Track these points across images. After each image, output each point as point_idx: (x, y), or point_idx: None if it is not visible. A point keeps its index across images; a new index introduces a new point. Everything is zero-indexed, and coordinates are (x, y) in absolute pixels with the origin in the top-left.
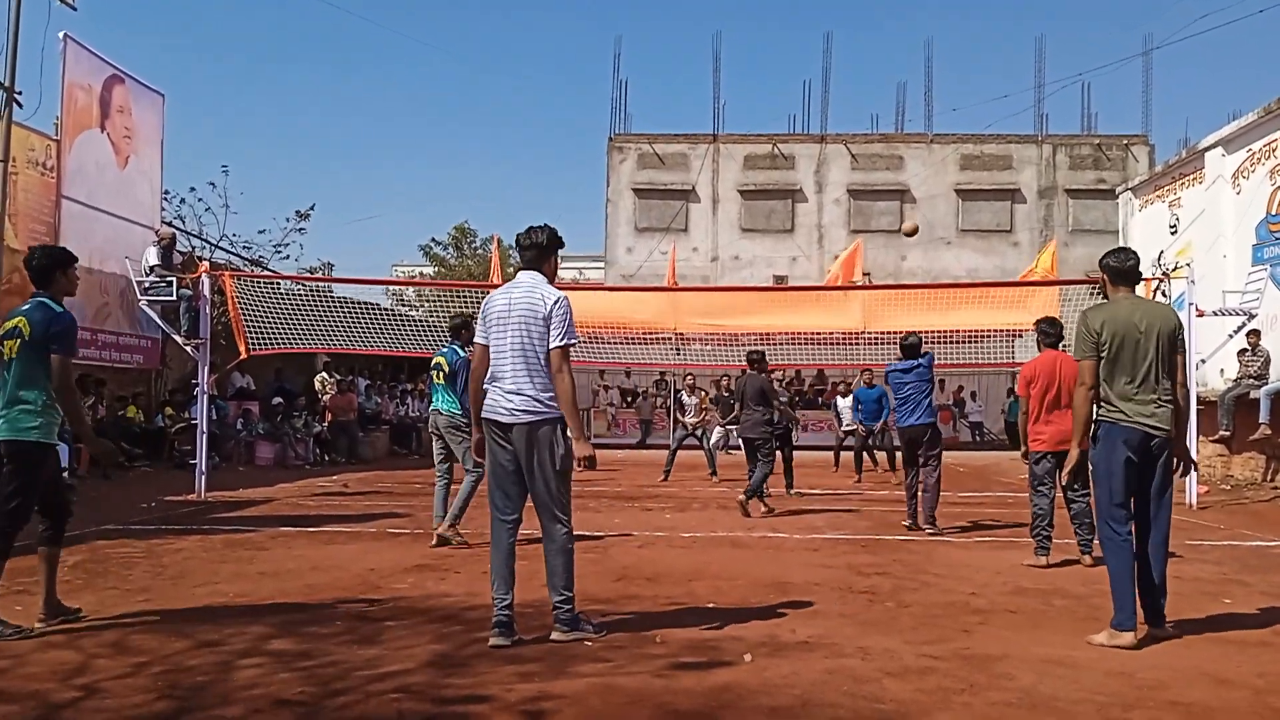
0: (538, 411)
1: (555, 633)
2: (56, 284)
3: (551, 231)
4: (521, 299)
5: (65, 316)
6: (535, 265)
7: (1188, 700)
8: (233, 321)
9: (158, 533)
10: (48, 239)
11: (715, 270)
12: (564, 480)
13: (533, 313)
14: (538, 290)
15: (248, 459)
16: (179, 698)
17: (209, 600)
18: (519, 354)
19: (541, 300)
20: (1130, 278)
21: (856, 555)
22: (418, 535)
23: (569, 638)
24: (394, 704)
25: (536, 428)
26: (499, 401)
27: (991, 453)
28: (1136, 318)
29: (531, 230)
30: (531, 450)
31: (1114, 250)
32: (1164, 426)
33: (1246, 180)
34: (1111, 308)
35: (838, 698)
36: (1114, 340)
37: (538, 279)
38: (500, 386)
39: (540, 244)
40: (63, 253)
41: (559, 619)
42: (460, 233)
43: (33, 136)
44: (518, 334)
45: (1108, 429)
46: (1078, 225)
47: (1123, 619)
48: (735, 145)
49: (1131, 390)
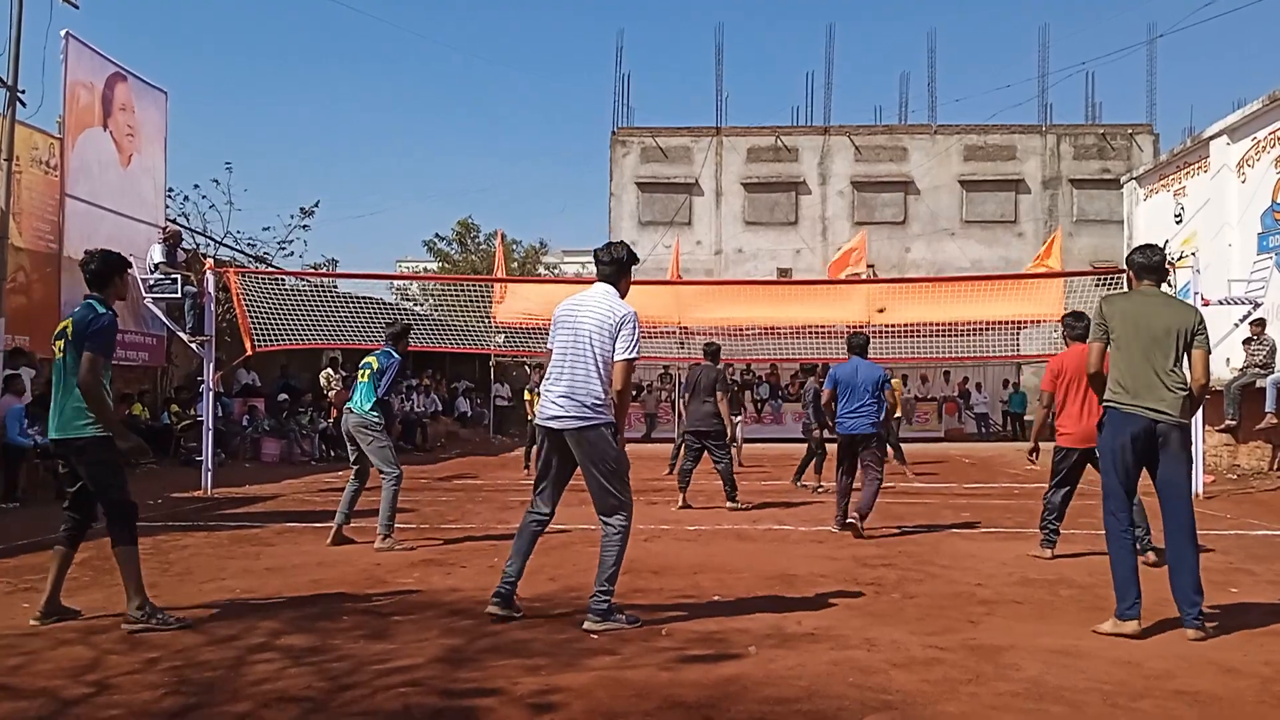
0: (586, 417)
1: (587, 621)
2: (112, 288)
3: (629, 249)
4: (593, 308)
5: (105, 317)
6: (612, 280)
7: (1194, 689)
8: (238, 318)
9: (164, 529)
10: (51, 238)
11: (719, 264)
12: (619, 477)
13: (601, 323)
14: (609, 302)
15: (253, 455)
16: (188, 693)
17: (216, 596)
18: (579, 360)
19: (612, 312)
20: (1156, 272)
21: (862, 547)
22: (424, 530)
23: (600, 628)
24: (401, 698)
25: (590, 430)
26: (550, 406)
27: (996, 444)
28: (1152, 309)
29: (610, 246)
30: (590, 452)
31: (1141, 247)
32: (1169, 413)
33: (1251, 169)
34: (1129, 297)
35: (844, 689)
36: (1124, 327)
37: (611, 292)
38: (555, 389)
39: (620, 259)
40: (119, 258)
41: (593, 608)
42: (464, 228)
43: (36, 135)
44: (581, 340)
45: (1111, 415)
46: (1082, 215)
47: (1124, 608)
48: (738, 138)
49: (1140, 377)
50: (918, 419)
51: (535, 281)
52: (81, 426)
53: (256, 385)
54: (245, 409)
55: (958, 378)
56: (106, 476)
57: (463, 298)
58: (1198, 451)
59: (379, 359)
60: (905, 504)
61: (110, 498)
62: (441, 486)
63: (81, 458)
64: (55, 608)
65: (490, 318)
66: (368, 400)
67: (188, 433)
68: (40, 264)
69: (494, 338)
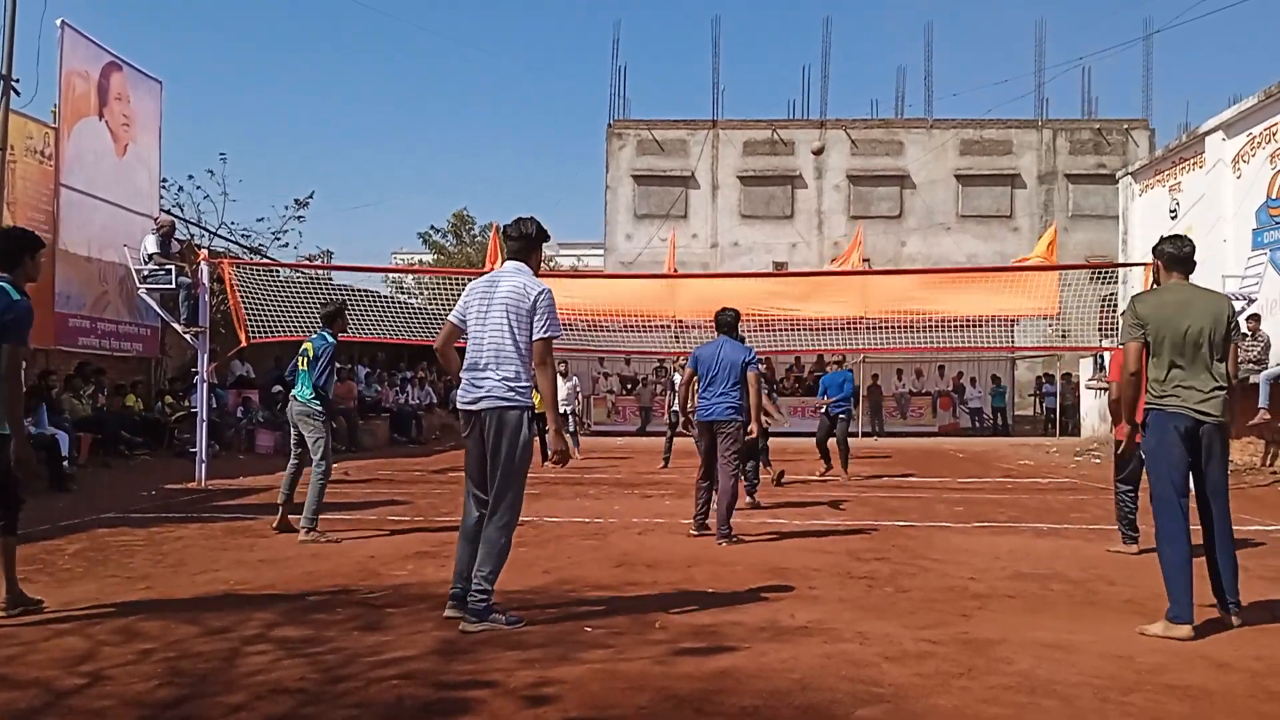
0: (508, 399)
1: (464, 623)
2: (22, 268)
3: (538, 224)
4: (506, 288)
5: (22, 304)
6: (522, 256)
7: (1186, 683)
8: (232, 309)
9: (158, 521)
10: (46, 228)
11: (715, 257)
12: (520, 472)
13: (516, 303)
14: (520, 279)
15: (248, 447)
16: (182, 685)
17: (210, 588)
18: (496, 342)
19: (525, 291)
20: (1185, 265)
21: (854, 541)
22: (418, 522)
23: (477, 629)
24: (395, 690)
25: (505, 413)
26: (470, 390)
27: (990, 439)
28: (1187, 304)
29: (520, 221)
30: (499, 436)
31: (1170, 237)
32: (1213, 413)
33: (1247, 164)
34: (1161, 294)
35: (836, 682)
36: (1161, 326)
37: (523, 269)
38: (474, 374)
39: (529, 235)
40: (30, 236)
41: (471, 607)
42: (459, 220)
43: (30, 124)
44: (498, 323)
45: (1155, 415)
46: (1078, 210)
47: (1179, 611)
48: (735, 131)
49: (1180, 375)
50: (912, 414)
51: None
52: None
53: (251, 377)
54: (239, 400)
55: (952, 372)
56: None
57: (458, 290)
58: None
59: (314, 344)
60: (899, 499)
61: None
62: (436, 479)
63: None
64: (17, 599)
65: None
66: (307, 387)
67: (182, 424)
68: None
69: None
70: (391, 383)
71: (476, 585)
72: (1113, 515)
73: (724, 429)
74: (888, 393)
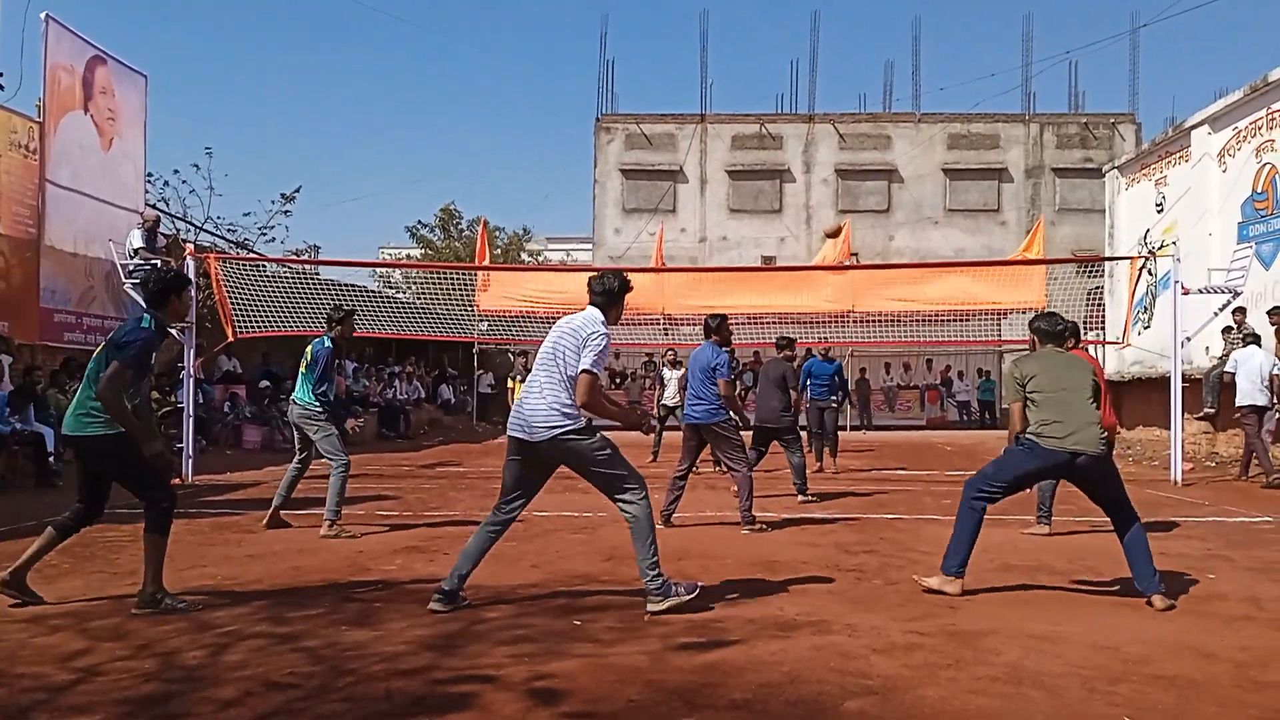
0: (560, 424)
1: (649, 604)
2: (170, 307)
3: (622, 279)
4: (572, 322)
5: (143, 331)
6: (602, 307)
7: (1172, 673)
8: (218, 304)
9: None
10: (31, 223)
11: (703, 251)
12: (613, 461)
13: (573, 335)
14: (584, 317)
15: (235, 443)
16: (172, 680)
17: (197, 583)
18: (546, 370)
19: (581, 326)
20: (1059, 339)
21: (843, 534)
22: (406, 518)
23: (663, 606)
24: (385, 685)
25: (562, 441)
26: (520, 414)
27: (978, 432)
28: (1062, 365)
29: (604, 275)
30: (568, 460)
31: (1045, 314)
32: (1090, 449)
33: (1232, 158)
34: (1038, 358)
35: (825, 674)
36: (1041, 384)
37: (597, 317)
38: (525, 400)
39: (611, 290)
40: (177, 279)
41: (650, 589)
42: (447, 215)
43: (15, 118)
44: (550, 353)
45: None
46: (1065, 204)
47: (953, 564)
48: (723, 125)
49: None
50: (900, 407)
51: (519, 269)
52: (86, 425)
53: (238, 372)
54: (226, 396)
55: (940, 365)
56: (132, 472)
57: (446, 285)
58: (1176, 439)
59: (314, 348)
60: (888, 491)
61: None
62: (425, 474)
63: (89, 455)
64: (19, 582)
65: (473, 305)
66: (306, 390)
67: (168, 419)
68: (19, 249)
69: (477, 325)
70: (379, 378)
71: (646, 567)
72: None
73: (708, 430)
74: (875, 386)
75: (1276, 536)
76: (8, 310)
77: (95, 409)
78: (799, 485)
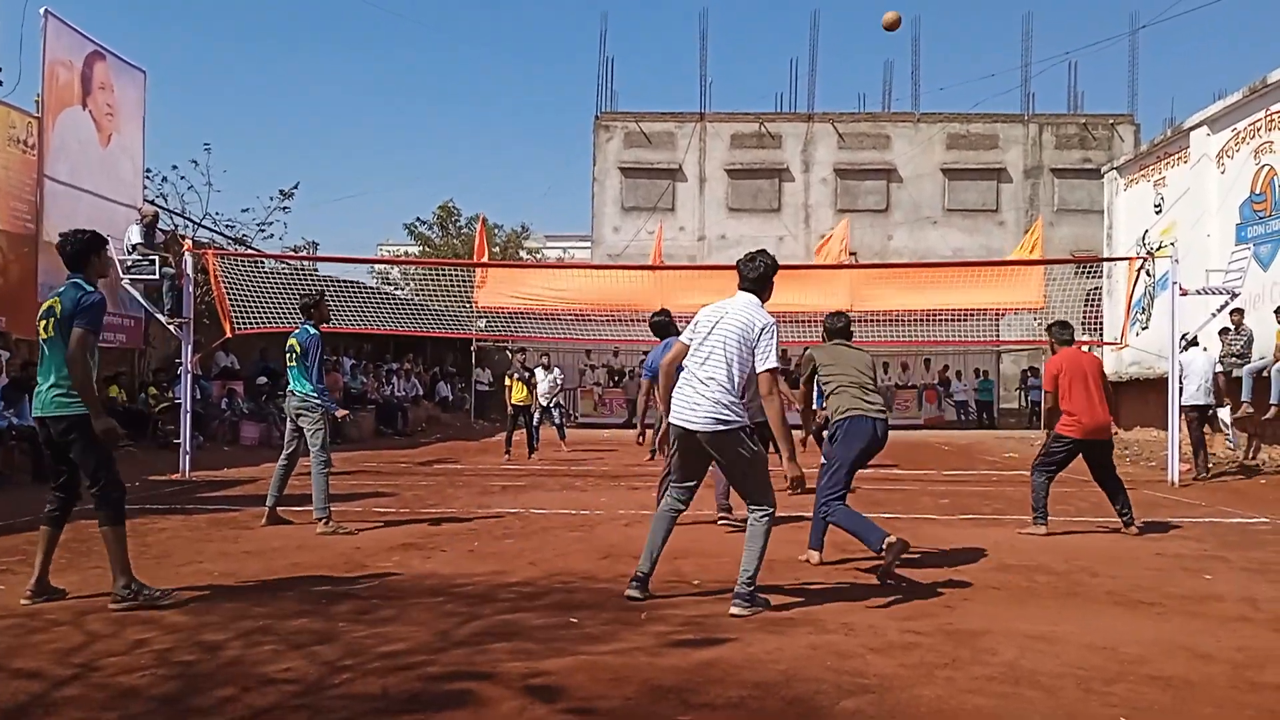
0: (724, 418)
1: (734, 607)
2: (91, 266)
3: (773, 261)
4: (737, 316)
5: (94, 294)
6: (754, 289)
7: (1168, 674)
8: (216, 300)
9: (142, 512)
10: (29, 218)
11: (702, 249)
12: (757, 470)
13: (744, 332)
14: (751, 312)
15: (232, 439)
16: (170, 676)
17: (194, 580)
18: (719, 365)
19: (752, 323)
20: (844, 335)
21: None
22: (404, 515)
23: (747, 612)
24: (382, 681)
25: (726, 434)
26: (689, 410)
27: (976, 431)
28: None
29: (754, 257)
30: (721, 451)
31: (833, 314)
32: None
33: (1231, 160)
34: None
35: (821, 672)
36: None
37: (754, 301)
38: (691, 394)
39: (764, 273)
40: (94, 236)
41: (739, 594)
42: (445, 212)
43: (14, 114)
44: (721, 346)
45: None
46: (1063, 205)
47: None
48: (722, 124)
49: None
50: (898, 406)
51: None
52: (65, 404)
53: (235, 368)
54: (224, 392)
55: (938, 365)
56: (93, 455)
57: (444, 282)
58: (1173, 440)
59: (299, 338)
60: (884, 491)
61: (97, 479)
62: (422, 471)
63: (66, 437)
64: (44, 588)
65: (472, 302)
66: (303, 382)
67: (165, 415)
68: (17, 245)
69: (475, 322)
70: (377, 374)
71: (746, 574)
72: (1097, 508)
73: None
74: None
75: (1273, 537)
76: (5, 305)
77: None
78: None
